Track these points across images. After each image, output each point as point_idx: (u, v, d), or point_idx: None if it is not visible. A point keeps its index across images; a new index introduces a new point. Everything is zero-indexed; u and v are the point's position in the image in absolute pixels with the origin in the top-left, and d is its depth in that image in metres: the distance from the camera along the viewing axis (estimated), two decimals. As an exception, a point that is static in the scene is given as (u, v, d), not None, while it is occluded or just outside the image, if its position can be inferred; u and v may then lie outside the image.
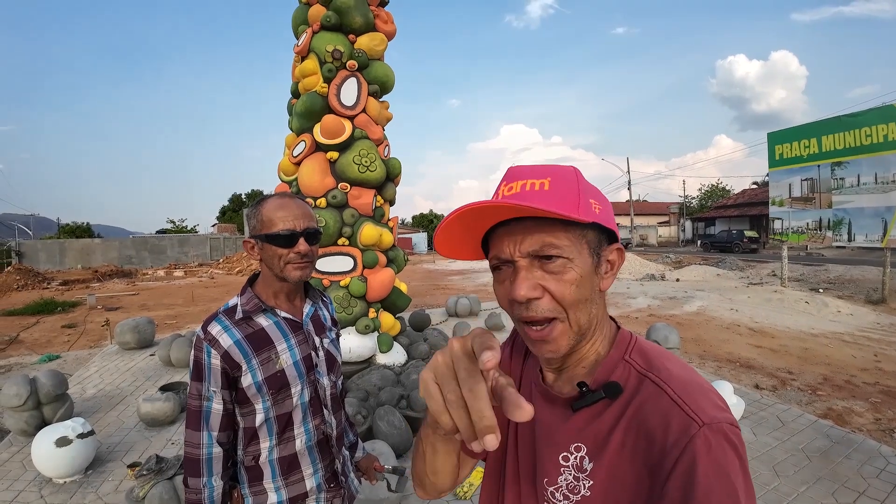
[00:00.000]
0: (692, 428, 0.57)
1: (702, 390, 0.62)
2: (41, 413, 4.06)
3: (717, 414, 0.59)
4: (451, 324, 7.86)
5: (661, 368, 0.65)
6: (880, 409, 4.74)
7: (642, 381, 0.65)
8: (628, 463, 0.62)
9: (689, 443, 0.56)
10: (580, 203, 0.65)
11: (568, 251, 0.65)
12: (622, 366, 0.68)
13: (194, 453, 1.28)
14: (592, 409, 0.68)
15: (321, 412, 1.41)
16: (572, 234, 0.66)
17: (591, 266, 0.67)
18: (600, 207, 0.68)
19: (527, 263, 0.66)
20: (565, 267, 0.65)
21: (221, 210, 59.22)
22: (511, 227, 0.67)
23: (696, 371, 0.67)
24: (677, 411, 0.59)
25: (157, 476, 2.89)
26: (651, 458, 0.59)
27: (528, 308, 0.66)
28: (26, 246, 31.22)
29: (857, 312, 9.43)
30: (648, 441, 0.60)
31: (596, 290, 0.69)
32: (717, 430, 0.57)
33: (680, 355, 6.15)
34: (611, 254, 0.71)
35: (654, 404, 0.62)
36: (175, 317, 11.60)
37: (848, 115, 11.30)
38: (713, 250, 30.90)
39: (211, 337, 1.27)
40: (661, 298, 11.78)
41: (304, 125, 4.37)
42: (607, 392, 0.66)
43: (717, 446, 0.56)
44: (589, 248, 0.67)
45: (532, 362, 0.83)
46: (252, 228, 1.33)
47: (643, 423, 0.62)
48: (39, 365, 6.93)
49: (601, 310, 0.72)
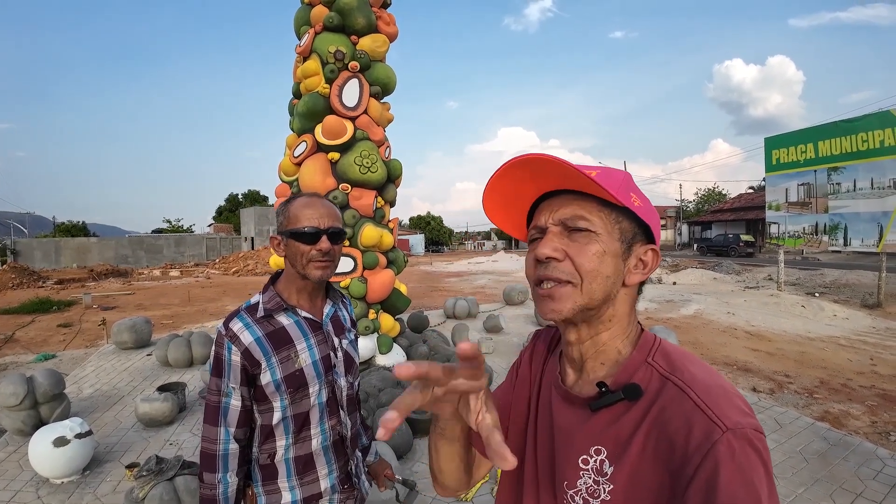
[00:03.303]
0: (715, 433, 0.56)
1: (726, 394, 0.61)
2: (38, 412, 4.04)
3: (742, 419, 0.57)
4: (449, 325, 7.86)
5: (685, 371, 0.64)
6: (876, 412, 4.76)
7: (665, 384, 0.64)
8: (650, 467, 0.61)
9: (712, 448, 0.55)
10: (621, 190, 0.67)
11: (597, 226, 0.68)
12: (644, 368, 0.68)
13: (211, 448, 1.29)
14: (613, 412, 0.66)
15: (337, 413, 1.42)
16: (606, 215, 0.68)
17: (619, 250, 0.69)
18: (640, 204, 0.70)
19: (557, 230, 0.69)
20: (590, 238, 0.68)
21: (218, 210, 59.07)
22: (552, 200, 0.72)
23: (722, 375, 0.66)
24: (700, 415, 0.58)
25: (157, 477, 2.88)
26: (673, 464, 0.58)
27: (547, 267, 0.69)
28: (22, 244, 31.10)
29: (853, 316, 9.47)
30: (670, 445, 0.59)
31: (619, 277, 0.70)
32: (741, 436, 0.56)
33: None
34: (645, 252, 0.72)
35: (677, 408, 0.61)
36: (171, 317, 11.56)
37: (844, 120, 11.39)
38: (710, 254, 30.97)
39: (232, 333, 1.29)
40: (658, 302, 11.80)
41: (305, 126, 4.37)
42: (627, 394, 0.65)
43: (740, 452, 0.55)
44: (621, 234, 0.69)
45: (552, 365, 0.83)
46: (279, 225, 1.35)
47: (665, 426, 0.60)
48: (35, 364, 6.89)
49: (625, 305, 0.72)
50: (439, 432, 0.76)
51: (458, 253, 53.39)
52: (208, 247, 37.45)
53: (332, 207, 1.37)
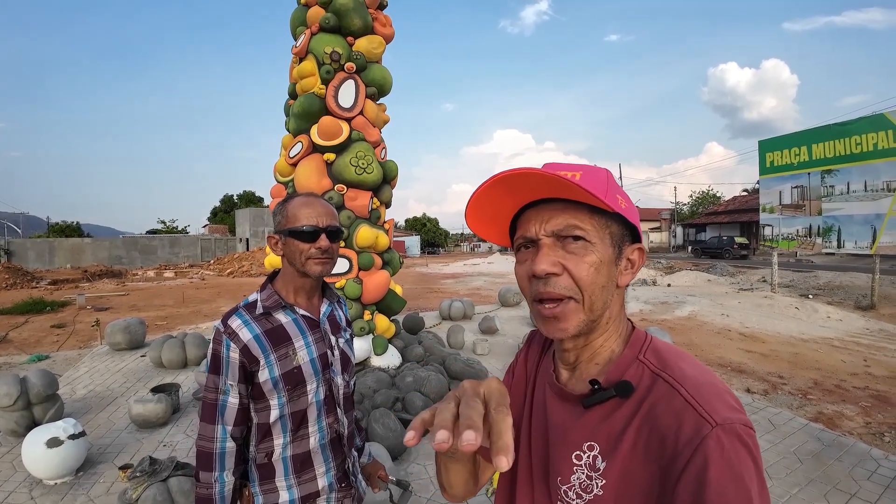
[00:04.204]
0: (704, 428, 0.56)
1: (716, 391, 0.61)
2: (31, 413, 4.01)
3: (731, 414, 0.58)
4: (445, 327, 7.85)
5: (675, 368, 0.65)
6: (870, 413, 4.79)
7: (656, 381, 0.65)
8: (641, 463, 0.61)
9: (701, 444, 0.55)
10: (608, 194, 0.66)
11: (591, 235, 0.67)
12: (636, 365, 0.68)
13: (207, 447, 1.29)
14: (605, 408, 0.67)
15: (335, 410, 1.42)
16: (597, 221, 0.68)
17: (612, 256, 0.69)
18: (626, 204, 0.70)
19: (550, 242, 0.68)
20: (587, 249, 0.67)
21: (213, 211, 58.84)
22: (539, 208, 0.70)
23: (713, 372, 0.67)
24: (690, 411, 0.59)
25: (151, 478, 2.86)
26: (663, 459, 0.59)
27: (546, 284, 0.67)
28: (15, 244, 30.89)
29: (847, 318, 9.53)
30: (661, 441, 0.60)
31: (613, 282, 0.70)
32: (731, 431, 0.56)
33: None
34: (632, 252, 0.72)
35: (667, 404, 0.61)
36: (165, 318, 11.50)
37: (838, 123, 11.44)
38: (704, 256, 31.15)
39: (231, 331, 1.29)
40: (652, 303, 11.85)
41: (301, 126, 4.36)
42: (618, 391, 0.66)
43: (730, 447, 0.55)
44: (612, 238, 0.69)
45: (546, 362, 0.84)
46: (277, 224, 1.36)
47: (656, 422, 0.61)
48: (28, 365, 6.84)
49: (617, 306, 0.73)
50: (449, 454, 0.75)
51: (453, 254, 53.38)
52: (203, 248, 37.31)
53: (329, 206, 1.39)
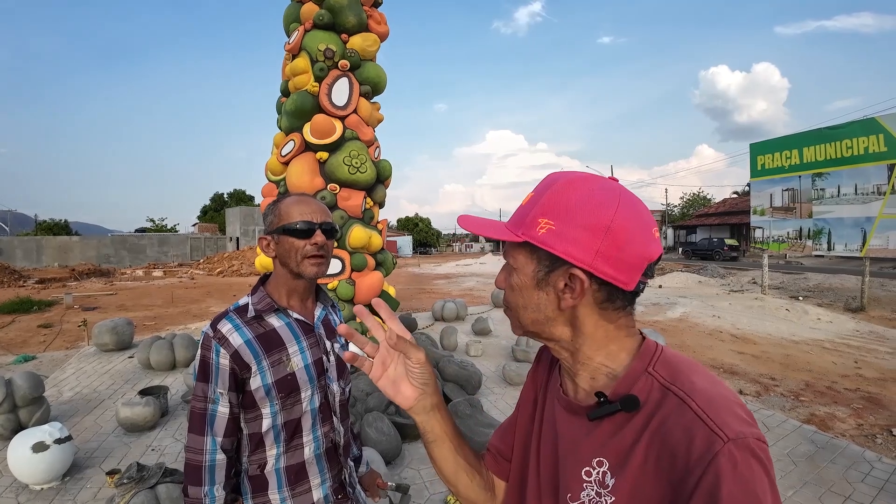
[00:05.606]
0: (716, 444, 0.55)
1: (728, 404, 0.60)
2: (17, 416, 3.92)
3: (744, 429, 0.56)
4: (437, 328, 7.81)
5: (686, 381, 0.63)
6: (862, 415, 4.81)
7: (666, 395, 0.63)
8: (651, 480, 0.59)
9: (714, 459, 0.54)
10: (526, 221, 0.68)
11: (517, 261, 0.72)
12: (644, 378, 0.66)
13: (196, 459, 1.21)
14: (614, 422, 0.65)
15: (330, 419, 1.36)
16: (524, 249, 0.70)
17: (532, 281, 0.70)
18: (553, 226, 0.65)
19: (505, 263, 0.77)
20: (511, 273, 0.73)
21: (203, 209, 58.42)
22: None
23: (725, 384, 0.65)
24: (701, 426, 0.57)
25: (139, 485, 2.80)
26: (674, 476, 0.57)
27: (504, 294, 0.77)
28: (3, 243, 30.51)
29: (837, 320, 9.61)
30: (672, 457, 0.58)
31: (546, 305, 0.70)
32: (743, 446, 0.55)
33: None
34: (562, 277, 0.67)
35: (678, 419, 0.59)
36: (154, 318, 11.37)
37: (829, 127, 11.56)
38: (694, 258, 31.44)
39: (221, 335, 1.22)
40: (644, 304, 11.88)
41: (293, 124, 4.31)
42: (623, 405, 0.64)
43: (742, 463, 0.54)
44: (538, 264, 0.69)
45: (554, 377, 0.82)
46: (269, 224, 1.31)
47: (666, 438, 0.59)
48: (14, 366, 6.71)
49: (589, 325, 0.69)
50: (426, 441, 0.82)
51: (445, 255, 53.40)
52: (192, 247, 37.03)
53: (323, 205, 1.35)
